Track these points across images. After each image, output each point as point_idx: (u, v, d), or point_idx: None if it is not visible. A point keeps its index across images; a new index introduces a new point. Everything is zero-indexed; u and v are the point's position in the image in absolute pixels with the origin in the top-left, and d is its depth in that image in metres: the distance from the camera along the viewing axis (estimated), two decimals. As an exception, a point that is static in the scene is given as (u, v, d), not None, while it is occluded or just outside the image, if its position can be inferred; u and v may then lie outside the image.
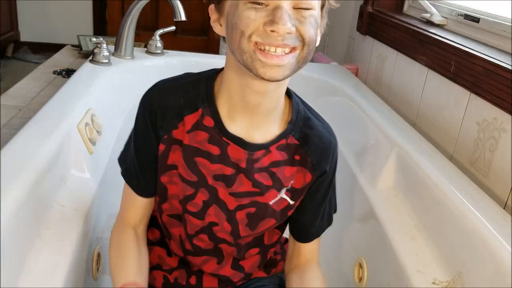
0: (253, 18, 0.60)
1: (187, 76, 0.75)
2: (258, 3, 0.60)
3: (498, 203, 0.87)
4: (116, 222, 0.82)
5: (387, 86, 1.53)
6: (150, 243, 0.86)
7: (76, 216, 0.84)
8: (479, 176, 1.03)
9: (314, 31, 0.62)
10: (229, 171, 0.72)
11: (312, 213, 0.80)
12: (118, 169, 1.13)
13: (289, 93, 0.75)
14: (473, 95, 1.07)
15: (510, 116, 0.95)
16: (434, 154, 1.05)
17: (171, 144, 0.73)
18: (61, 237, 0.78)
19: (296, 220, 0.81)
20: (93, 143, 1.04)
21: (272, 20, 0.58)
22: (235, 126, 0.71)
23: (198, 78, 0.74)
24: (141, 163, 0.76)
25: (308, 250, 0.84)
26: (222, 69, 0.73)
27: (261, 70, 0.60)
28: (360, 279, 1.04)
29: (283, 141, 0.73)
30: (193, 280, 0.82)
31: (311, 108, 0.78)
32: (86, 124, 1.03)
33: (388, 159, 1.11)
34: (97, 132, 1.08)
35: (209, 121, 0.71)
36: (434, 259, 0.86)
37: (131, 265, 0.75)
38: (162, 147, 0.73)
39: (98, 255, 0.93)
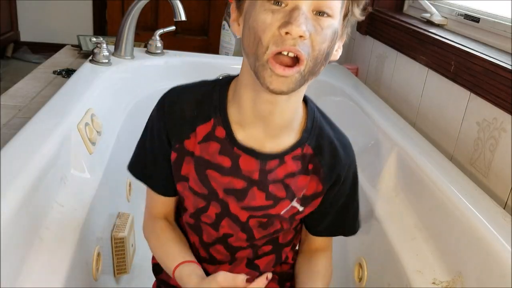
0: (269, 23, 0.58)
1: (203, 84, 0.74)
2: (277, 3, 0.58)
3: (498, 203, 0.87)
4: (145, 218, 0.82)
5: (387, 86, 1.53)
6: None
7: (76, 216, 0.84)
8: (479, 176, 1.03)
9: (328, 44, 0.60)
10: (240, 184, 0.71)
11: (320, 212, 0.78)
12: (118, 169, 1.13)
13: (305, 100, 0.72)
14: (473, 95, 1.07)
15: (510, 116, 0.95)
16: (434, 154, 1.05)
17: (184, 155, 0.72)
18: (61, 237, 0.78)
19: (307, 217, 0.80)
20: (93, 143, 1.04)
21: (287, 21, 0.56)
22: (247, 135, 0.69)
23: (213, 86, 0.72)
24: (158, 165, 0.75)
25: (320, 240, 0.83)
26: (237, 76, 0.71)
27: (268, 79, 0.59)
28: (360, 279, 1.04)
29: (298, 151, 0.71)
30: None
31: (327, 116, 0.76)
32: (86, 124, 1.03)
33: (388, 159, 1.11)
34: (97, 132, 1.08)
35: (220, 132, 0.70)
36: (434, 259, 0.86)
37: (176, 249, 0.77)
38: (174, 155, 0.73)
39: (98, 255, 0.93)
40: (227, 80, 0.73)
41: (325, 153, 0.72)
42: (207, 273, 0.80)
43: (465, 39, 1.22)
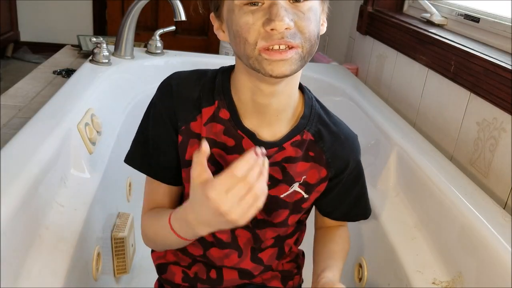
0: (252, 23, 0.59)
1: (205, 70, 0.76)
2: (254, 3, 0.60)
3: (498, 203, 0.87)
4: (143, 212, 0.80)
5: (387, 86, 1.53)
6: None
7: (76, 216, 0.84)
8: (479, 176, 1.03)
9: (314, 24, 0.62)
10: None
11: (331, 200, 0.80)
12: (118, 169, 1.13)
13: (302, 89, 0.74)
14: (473, 95, 1.07)
15: (510, 116, 0.95)
16: (434, 154, 1.05)
17: (189, 138, 0.72)
18: (61, 237, 0.78)
19: (317, 204, 0.82)
20: (93, 143, 1.04)
21: (269, 18, 0.58)
22: (248, 121, 0.71)
23: (215, 72, 0.74)
24: (159, 150, 0.74)
25: (335, 222, 0.86)
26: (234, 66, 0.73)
27: (268, 67, 0.60)
28: (360, 279, 1.04)
29: (298, 137, 0.72)
30: (213, 274, 0.82)
31: (325, 107, 0.78)
32: (86, 124, 1.03)
33: (388, 159, 1.11)
34: (97, 132, 1.08)
35: (224, 114, 0.71)
36: (434, 259, 0.86)
37: (168, 211, 0.72)
38: (180, 138, 0.73)
39: (98, 255, 0.93)
40: (228, 68, 0.74)
41: (327, 140, 0.74)
42: (216, 260, 0.81)
43: (465, 39, 1.22)
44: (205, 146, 0.59)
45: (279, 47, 0.59)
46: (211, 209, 0.57)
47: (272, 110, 0.69)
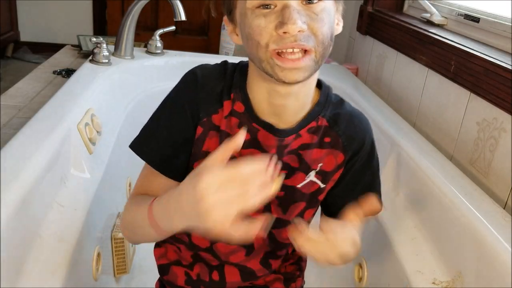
0: (264, 26, 0.59)
1: (225, 64, 0.75)
2: (266, 6, 0.59)
3: (498, 203, 0.87)
4: (129, 199, 0.75)
5: (387, 86, 1.53)
6: (163, 240, 0.84)
7: (76, 216, 0.84)
8: (479, 176, 1.03)
9: (328, 26, 0.61)
10: (260, 155, 0.71)
11: (344, 187, 0.77)
12: (118, 169, 1.13)
13: (319, 83, 0.74)
14: (473, 95, 1.07)
15: (510, 116, 0.95)
16: (434, 154, 1.05)
17: (208, 130, 0.72)
18: (61, 237, 0.78)
19: (329, 195, 0.78)
20: (93, 143, 1.04)
21: (282, 21, 0.58)
22: (263, 117, 0.70)
23: (234, 66, 0.74)
24: (170, 140, 0.72)
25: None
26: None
27: (280, 74, 0.60)
28: (360, 279, 1.04)
29: (313, 123, 0.72)
30: (215, 276, 0.82)
31: (341, 98, 0.78)
32: (86, 124, 1.03)
33: (388, 159, 1.11)
34: (97, 132, 1.08)
35: (239, 107, 0.70)
36: (434, 259, 0.86)
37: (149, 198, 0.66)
38: (199, 130, 0.71)
39: (98, 255, 0.93)
40: (245, 65, 0.73)
41: (342, 123, 0.73)
42: (221, 255, 0.80)
43: (465, 39, 1.22)
44: (241, 138, 0.54)
45: (293, 50, 0.59)
46: (195, 199, 0.51)
47: (288, 111, 0.69)
